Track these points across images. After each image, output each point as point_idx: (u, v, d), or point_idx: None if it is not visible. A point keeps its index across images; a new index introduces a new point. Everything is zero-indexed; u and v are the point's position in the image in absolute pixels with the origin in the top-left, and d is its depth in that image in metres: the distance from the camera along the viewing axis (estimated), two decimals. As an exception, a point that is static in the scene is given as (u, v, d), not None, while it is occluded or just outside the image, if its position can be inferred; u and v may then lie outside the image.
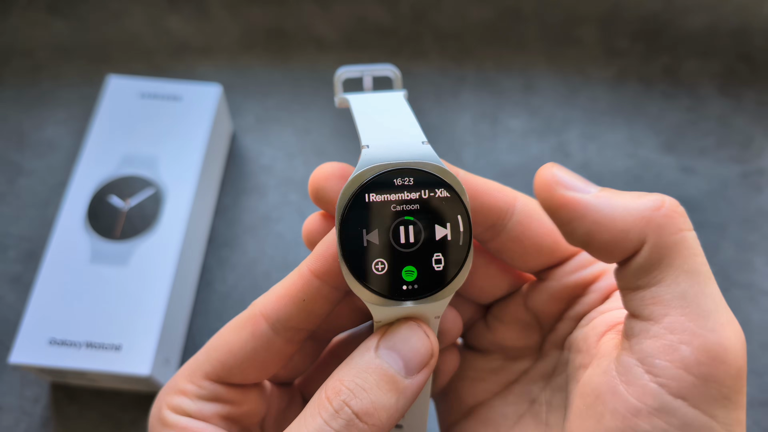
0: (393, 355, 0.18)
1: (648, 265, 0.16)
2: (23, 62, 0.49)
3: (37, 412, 0.36)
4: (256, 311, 0.20)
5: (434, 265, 0.18)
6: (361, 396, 0.17)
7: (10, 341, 0.38)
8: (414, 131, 0.20)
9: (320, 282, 0.19)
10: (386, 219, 0.18)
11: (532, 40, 0.51)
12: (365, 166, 0.18)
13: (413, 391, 0.18)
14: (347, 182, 0.18)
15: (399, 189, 0.18)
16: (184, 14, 0.51)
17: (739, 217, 0.43)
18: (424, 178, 0.18)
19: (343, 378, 0.18)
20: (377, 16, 0.51)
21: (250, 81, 0.49)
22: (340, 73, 0.23)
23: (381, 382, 0.18)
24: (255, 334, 0.20)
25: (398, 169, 0.18)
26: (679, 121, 0.47)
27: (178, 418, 0.20)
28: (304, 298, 0.19)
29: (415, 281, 0.18)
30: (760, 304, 0.40)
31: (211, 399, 0.21)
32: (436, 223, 0.18)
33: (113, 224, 0.37)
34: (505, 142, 0.46)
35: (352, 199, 0.18)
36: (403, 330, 0.18)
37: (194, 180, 0.39)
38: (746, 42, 0.50)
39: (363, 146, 0.19)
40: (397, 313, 0.18)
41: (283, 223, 0.43)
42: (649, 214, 0.16)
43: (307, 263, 0.19)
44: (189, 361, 0.21)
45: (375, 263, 0.18)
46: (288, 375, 0.23)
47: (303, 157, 0.46)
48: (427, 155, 0.18)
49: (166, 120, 0.41)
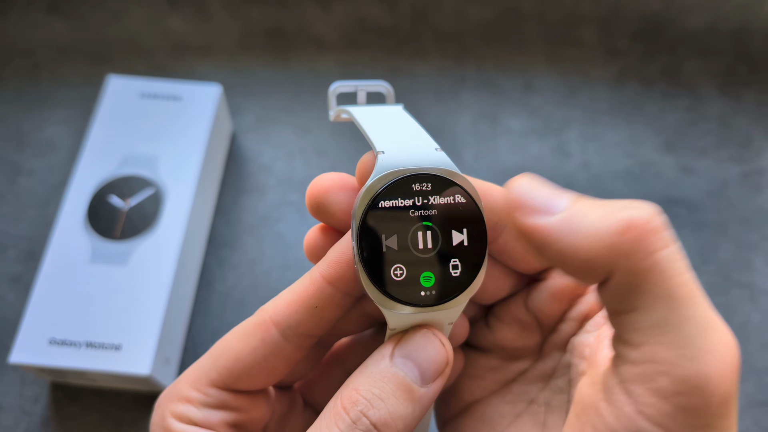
0: (409, 364, 0.18)
1: (621, 292, 0.15)
2: (23, 62, 0.49)
3: (37, 412, 0.36)
4: (265, 317, 0.20)
5: (451, 270, 0.18)
6: (379, 406, 0.17)
7: (10, 341, 0.38)
8: (426, 138, 0.20)
9: (333, 288, 0.19)
10: (405, 224, 0.18)
11: (532, 40, 0.51)
12: (382, 172, 0.18)
13: (429, 399, 0.18)
14: (365, 187, 0.18)
15: (417, 194, 0.18)
16: (184, 14, 0.51)
17: (739, 217, 0.43)
18: (441, 183, 0.18)
19: (358, 387, 0.18)
20: (377, 16, 0.51)
21: (250, 81, 0.49)
22: (335, 88, 0.23)
23: (397, 391, 0.18)
24: (265, 341, 0.20)
25: (416, 175, 0.18)
26: (679, 121, 0.47)
27: (185, 427, 0.20)
28: (317, 305, 0.19)
29: (432, 287, 0.18)
30: (760, 304, 0.40)
31: (217, 407, 0.20)
32: (453, 228, 0.18)
33: (113, 224, 0.37)
34: (505, 142, 0.46)
35: (370, 204, 0.18)
36: (419, 338, 0.18)
37: (194, 180, 0.39)
38: (746, 42, 0.50)
39: (378, 152, 0.18)
40: (413, 320, 0.18)
41: (283, 223, 0.43)
42: (614, 240, 0.15)
43: (320, 269, 0.19)
44: (192, 368, 0.21)
45: (393, 269, 0.18)
46: (290, 378, 0.23)
47: (303, 157, 0.46)
48: (442, 161, 0.18)
49: (166, 120, 0.41)
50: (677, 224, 0.43)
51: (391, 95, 0.24)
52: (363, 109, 0.21)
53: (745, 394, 0.37)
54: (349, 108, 0.22)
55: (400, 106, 0.22)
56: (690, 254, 0.42)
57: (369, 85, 0.24)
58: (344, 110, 0.22)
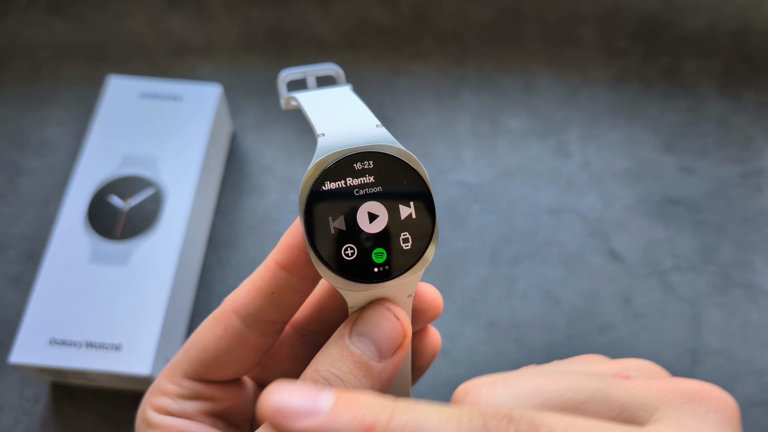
0: (365, 341, 0.18)
1: None
2: (23, 62, 0.49)
3: (37, 412, 0.36)
4: (227, 307, 0.20)
5: (402, 244, 0.18)
6: (337, 385, 0.18)
7: (10, 341, 0.38)
8: (367, 116, 0.20)
9: (287, 273, 0.19)
10: (350, 204, 0.18)
11: (532, 40, 0.51)
12: (323, 154, 0.18)
13: (388, 374, 0.18)
14: (307, 172, 0.18)
15: (359, 173, 0.18)
16: (184, 14, 0.51)
17: (739, 217, 0.43)
18: (383, 159, 0.18)
19: (318, 368, 0.18)
20: (377, 16, 0.51)
21: (250, 81, 0.49)
22: (284, 76, 0.23)
23: (354, 369, 0.18)
24: (228, 330, 0.20)
25: (356, 154, 0.18)
26: (679, 121, 0.47)
27: (162, 417, 0.20)
28: (273, 291, 0.19)
29: (385, 262, 0.18)
30: (760, 304, 0.40)
31: (191, 397, 0.21)
32: (399, 203, 0.18)
33: (113, 224, 0.37)
34: (505, 142, 0.46)
35: (313, 187, 0.18)
36: (374, 314, 0.19)
37: (194, 180, 0.39)
38: (746, 42, 0.50)
39: (318, 135, 0.19)
40: (368, 296, 0.19)
41: (283, 223, 0.43)
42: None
43: (273, 255, 0.19)
44: (170, 362, 0.21)
45: (344, 249, 0.18)
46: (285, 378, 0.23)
47: (303, 157, 0.46)
48: (383, 138, 0.19)
49: (166, 120, 0.41)
50: (677, 224, 0.43)
51: (341, 78, 0.24)
52: (308, 94, 0.22)
53: (746, 394, 0.37)
54: (296, 94, 0.22)
55: (348, 86, 0.22)
56: (690, 254, 0.42)
57: (318, 70, 0.24)
58: (292, 97, 0.22)
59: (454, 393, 0.18)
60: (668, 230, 0.43)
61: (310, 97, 0.21)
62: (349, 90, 0.22)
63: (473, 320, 0.39)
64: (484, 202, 0.44)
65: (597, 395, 0.16)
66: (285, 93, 0.23)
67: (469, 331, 0.39)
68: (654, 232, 0.43)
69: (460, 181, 0.45)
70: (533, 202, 0.44)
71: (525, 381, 0.17)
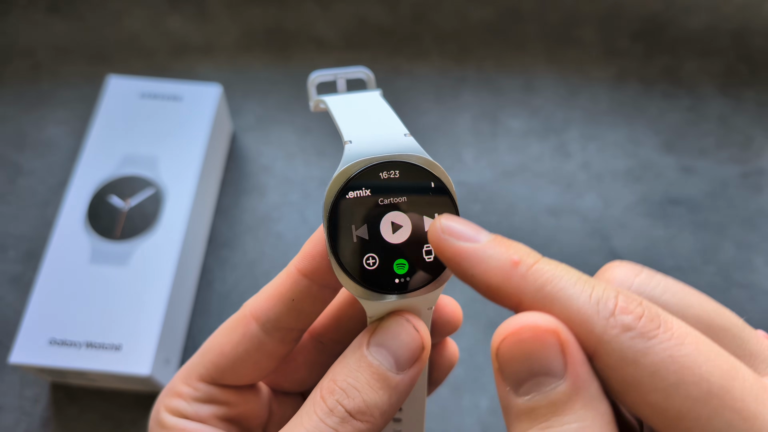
0: (383, 352, 0.18)
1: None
2: (23, 62, 0.49)
3: (37, 412, 0.36)
4: (246, 312, 0.20)
5: (425, 256, 0.18)
6: (353, 395, 0.17)
7: (10, 341, 0.38)
8: (395, 125, 0.19)
9: (308, 281, 0.19)
10: (374, 213, 0.18)
11: (532, 40, 0.51)
12: (350, 162, 0.18)
13: (406, 386, 0.18)
14: (333, 179, 0.18)
15: (385, 182, 0.18)
16: (184, 14, 0.51)
17: (739, 217, 0.43)
18: (410, 169, 0.18)
19: (336, 377, 0.18)
20: (377, 16, 0.51)
21: (250, 81, 0.49)
22: (314, 77, 0.23)
23: (372, 380, 0.18)
24: (246, 336, 0.20)
25: (383, 163, 0.18)
26: (679, 121, 0.47)
27: (176, 420, 0.20)
28: (293, 298, 0.19)
29: (406, 274, 0.18)
30: (760, 304, 0.40)
31: (206, 401, 0.21)
32: (424, 214, 0.18)
33: (113, 224, 0.37)
34: (505, 142, 0.46)
35: (338, 195, 0.18)
36: (393, 326, 0.18)
37: (194, 180, 0.39)
38: (746, 42, 0.50)
39: (345, 142, 0.18)
40: (388, 306, 0.18)
41: (283, 223, 0.43)
42: (507, 273, 0.15)
43: (295, 263, 0.19)
44: (186, 364, 0.21)
45: (366, 258, 0.18)
46: (302, 387, 0.23)
47: (303, 157, 0.46)
48: (410, 147, 0.18)
49: (166, 120, 0.41)
50: (677, 224, 0.43)
51: (371, 81, 0.24)
52: (337, 98, 0.21)
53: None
54: (325, 98, 0.22)
55: (377, 92, 0.22)
56: (690, 254, 0.42)
57: (348, 72, 0.23)
58: (321, 100, 0.22)
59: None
60: (668, 230, 0.43)
61: (339, 102, 0.21)
62: (379, 96, 0.22)
63: (473, 320, 0.39)
64: (484, 201, 0.44)
65: (735, 330, 0.16)
66: (314, 96, 0.23)
67: (469, 331, 0.39)
68: (654, 232, 0.43)
69: (461, 180, 0.45)
70: (533, 202, 0.44)
71: (674, 282, 0.16)
